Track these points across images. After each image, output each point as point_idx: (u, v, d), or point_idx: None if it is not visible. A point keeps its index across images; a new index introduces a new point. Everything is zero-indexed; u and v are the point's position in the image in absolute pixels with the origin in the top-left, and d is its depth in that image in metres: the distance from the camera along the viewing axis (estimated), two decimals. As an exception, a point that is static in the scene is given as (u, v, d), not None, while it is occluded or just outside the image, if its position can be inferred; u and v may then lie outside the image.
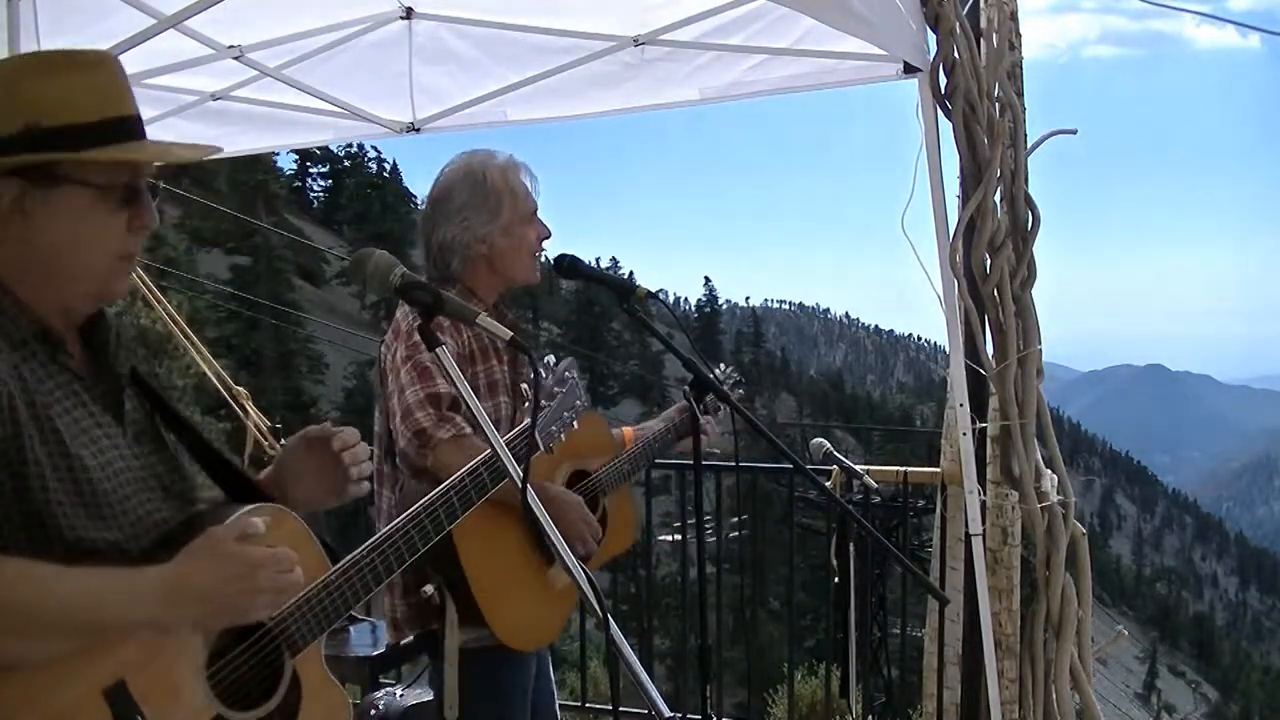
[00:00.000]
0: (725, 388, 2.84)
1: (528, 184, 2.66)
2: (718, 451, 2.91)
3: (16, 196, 1.45)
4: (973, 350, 2.82)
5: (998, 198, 2.78)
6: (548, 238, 2.68)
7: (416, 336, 2.48)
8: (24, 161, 1.43)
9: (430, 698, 3.04)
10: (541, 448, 2.21)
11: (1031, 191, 2.82)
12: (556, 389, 2.22)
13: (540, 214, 2.70)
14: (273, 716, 1.63)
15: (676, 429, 2.87)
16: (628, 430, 2.88)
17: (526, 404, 2.27)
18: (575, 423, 2.25)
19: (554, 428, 2.21)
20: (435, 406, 2.39)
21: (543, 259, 2.79)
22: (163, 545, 1.52)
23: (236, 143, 3.98)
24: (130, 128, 1.52)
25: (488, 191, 2.60)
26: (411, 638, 2.62)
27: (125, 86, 1.54)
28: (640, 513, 3.02)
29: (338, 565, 1.73)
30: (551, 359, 2.26)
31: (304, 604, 1.66)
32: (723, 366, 2.98)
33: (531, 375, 1.85)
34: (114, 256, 1.52)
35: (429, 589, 2.36)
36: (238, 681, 1.60)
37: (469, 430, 2.37)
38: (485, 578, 2.38)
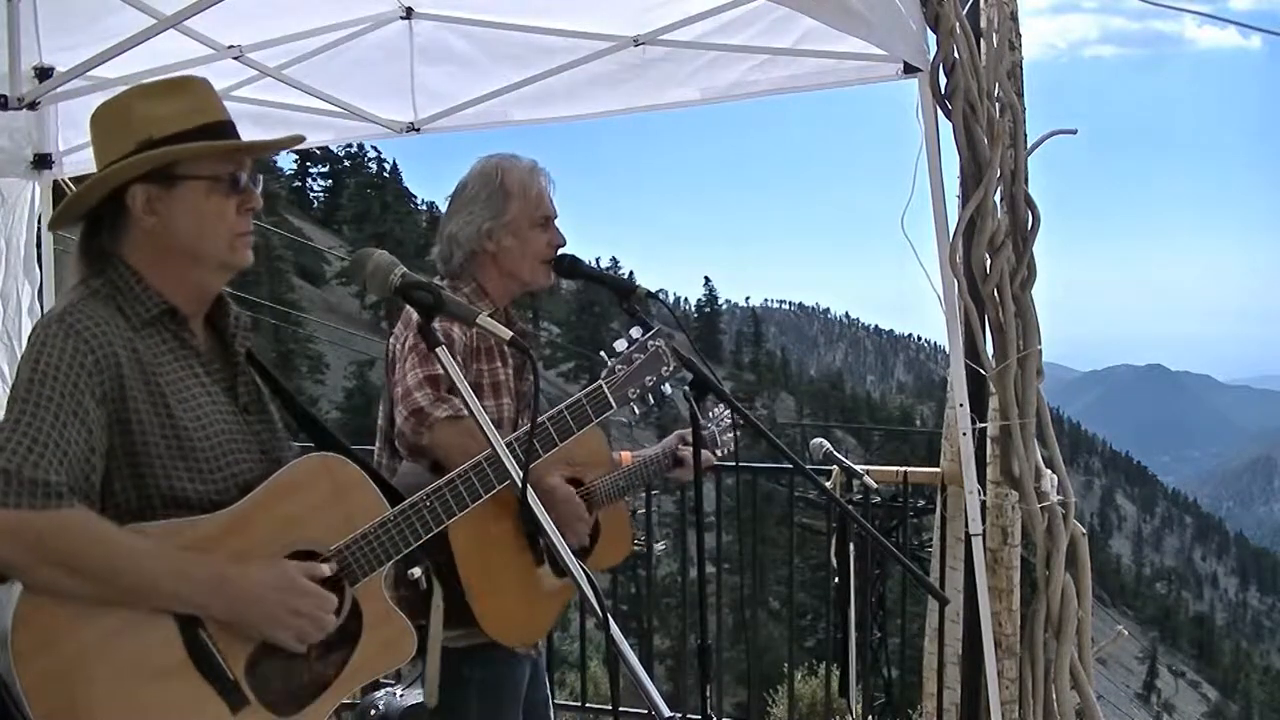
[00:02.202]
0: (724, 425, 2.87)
1: (547, 191, 2.66)
2: (717, 456, 2.87)
3: (146, 200, 1.75)
4: (973, 350, 2.82)
5: (998, 198, 2.79)
6: (561, 245, 2.66)
7: None
8: (145, 160, 1.73)
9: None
10: (613, 405, 2.27)
11: (1031, 191, 2.82)
12: (636, 356, 2.29)
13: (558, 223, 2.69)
14: (331, 638, 1.80)
15: (673, 455, 2.84)
16: (625, 454, 2.86)
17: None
18: (668, 387, 2.34)
19: (631, 391, 2.28)
20: (434, 387, 2.41)
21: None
22: (244, 493, 1.77)
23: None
24: (224, 130, 1.83)
25: (496, 189, 2.60)
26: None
27: (216, 99, 1.87)
28: (633, 529, 2.99)
29: (396, 506, 1.92)
30: (637, 331, 2.33)
31: (361, 539, 1.86)
32: (720, 408, 2.95)
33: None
34: (231, 234, 1.81)
35: (416, 571, 2.36)
36: None
37: (466, 413, 2.38)
38: (474, 566, 2.37)
